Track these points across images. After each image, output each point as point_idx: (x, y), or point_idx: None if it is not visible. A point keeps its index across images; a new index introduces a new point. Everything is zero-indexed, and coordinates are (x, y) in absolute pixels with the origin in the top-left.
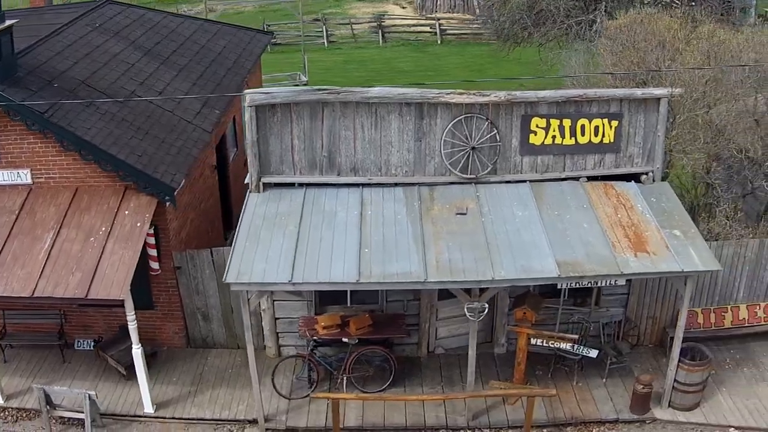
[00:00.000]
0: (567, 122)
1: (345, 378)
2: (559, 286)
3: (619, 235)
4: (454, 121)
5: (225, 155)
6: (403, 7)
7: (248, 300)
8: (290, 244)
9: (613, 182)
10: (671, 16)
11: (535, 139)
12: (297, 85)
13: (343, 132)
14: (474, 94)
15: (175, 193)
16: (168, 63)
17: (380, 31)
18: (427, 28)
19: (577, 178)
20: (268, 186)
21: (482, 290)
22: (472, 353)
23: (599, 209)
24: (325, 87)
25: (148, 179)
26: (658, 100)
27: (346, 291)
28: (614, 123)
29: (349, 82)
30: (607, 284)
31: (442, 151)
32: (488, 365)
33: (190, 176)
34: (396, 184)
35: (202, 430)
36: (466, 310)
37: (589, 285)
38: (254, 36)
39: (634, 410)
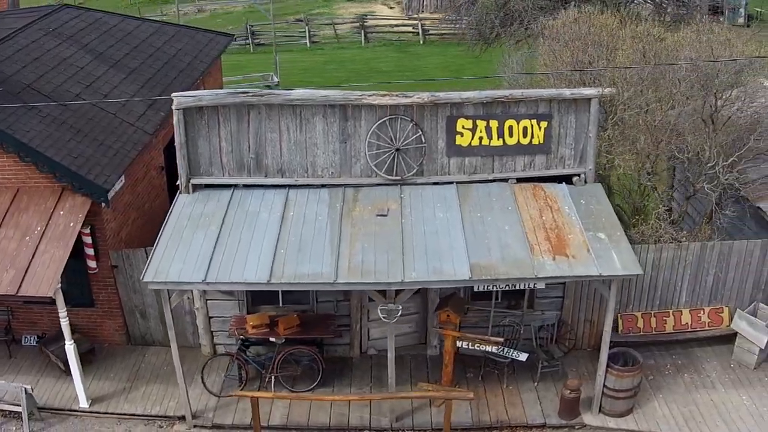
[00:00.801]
0: (494, 123)
1: (273, 377)
2: (476, 288)
3: (540, 238)
4: (378, 122)
5: (174, 156)
6: (391, 8)
7: (169, 299)
8: (209, 244)
9: (543, 184)
10: (612, 14)
11: (462, 141)
12: (269, 86)
13: (269, 134)
14: (397, 95)
15: (111, 193)
16: (118, 66)
17: (363, 31)
18: (410, 29)
19: (506, 180)
20: (198, 187)
21: (397, 292)
22: (390, 355)
23: (524, 211)
24: (249, 89)
25: (82, 180)
26: (588, 100)
27: (278, 291)
28: (543, 124)
29: (326, 82)
30: (524, 287)
31: (367, 153)
32: (420, 367)
33: (131, 177)
34: (323, 186)
35: (133, 425)
36: (379, 311)
37: (507, 288)
38: (213, 38)
39: (563, 415)
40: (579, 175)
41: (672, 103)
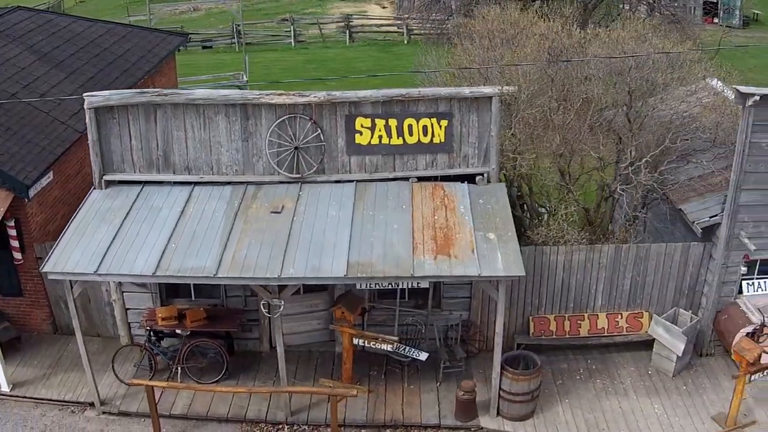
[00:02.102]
0: (393, 122)
1: (179, 368)
2: (358, 286)
3: (427, 237)
4: (278, 121)
5: None
6: (384, 7)
7: (71, 289)
8: (109, 237)
9: (444, 183)
10: (527, 11)
11: (362, 139)
12: (238, 86)
13: (175, 132)
14: (294, 94)
15: (35, 189)
16: (61, 66)
17: (348, 31)
18: (395, 29)
19: (407, 179)
20: (111, 183)
21: (281, 288)
22: (280, 350)
23: (417, 210)
24: (155, 89)
25: (4, 176)
26: (489, 98)
27: (190, 285)
28: (444, 122)
29: (304, 82)
30: (405, 286)
31: (268, 151)
32: (326, 363)
33: (61, 174)
34: (228, 183)
35: (49, 410)
36: (261, 306)
37: (390, 286)
38: (165, 38)
39: (459, 417)
40: (482, 175)
41: (580, 102)
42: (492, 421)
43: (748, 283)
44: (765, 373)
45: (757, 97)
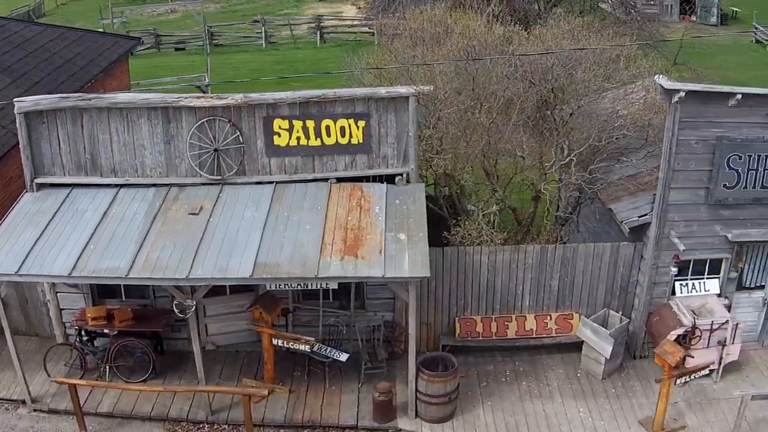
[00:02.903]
0: (311, 123)
1: (108, 367)
2: (273, 286)
3: (337, 238)
4: (198, 123)
5: None
6: (359, 8)
7: None
8: (33, 239)
9: (363, 184)
10: (452, 10)
11: (280, 141)
12: (199, 87)
13: (101, 136)
14: (212, 97)
15: None
16: (8, 71)
17: (319, 32)
18: (367, 29)
19: (326, 180)
20: (42, 186)
21: (194, 288)
22: (197, 349)
23: (332, 211)
24: (80, 94)
25: None
26: (406, 98)
27: (120, 285)
28: (361, 123)
29: (272, 82)
30: (313, 287)
31: (189, 154)
32: (252, 363)
33: (2, 177)
34: (153, 185)
35: None
36: (174, 306)
37: (299, 287)
38: (117, 42)
39: (377, 418)
40: (401, 175)
41: (502, 101)
42: (410, 423)
43: (681, 284)
44: (692, 377)
45: (683, 93)
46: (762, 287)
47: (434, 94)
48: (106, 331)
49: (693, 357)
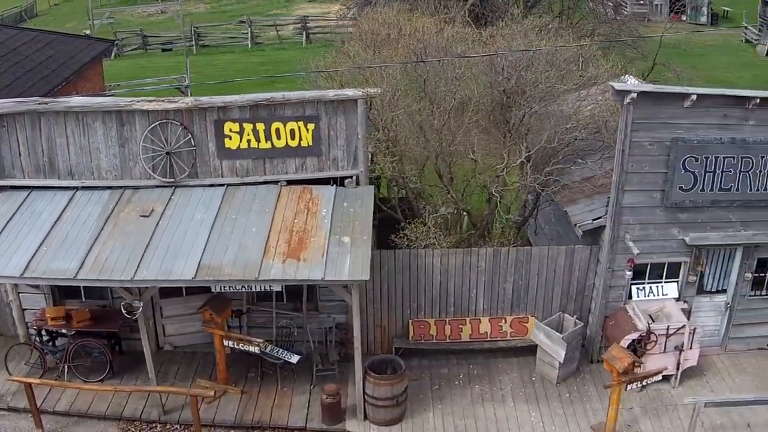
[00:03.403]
0: (261, 126)
1: (66, 367)
2: (218, 288)
3: (281, 241)
4: (151, 127)
5: None
6: (347, 7)
7: None
8: None
9: (313, 186)
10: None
11: (231, 144)
12: (179, 88)
13: (58, 139)
14: (163, 100)
15: None
16: None
17: (305, 32)
18: (350, 29)
19: (277, 182)
20: (2, 189)
21: (141, 290)
22: (147, 350)
23: (279, 214)
24: (37, 98)
25: None
26: (354, 101)
27: (80, 287)
28: (311, 126)
29: (254, 83)
30: (258, 288)
31: (143, 156)
32: (208, 364)
33: None
34: (108, 187)
35: None
36: (122, 307)
37: (243, 289)
38: (90, 44)
39: (325, 420)
40: (351, 177)
41: (453, 103)
42: (359, 426)
43: (638, 288)
44: (645, 383)
45: (634, 95)
46: (724, 291)
47: (384, 96)
48: (64, 331)
49: (642, 363)
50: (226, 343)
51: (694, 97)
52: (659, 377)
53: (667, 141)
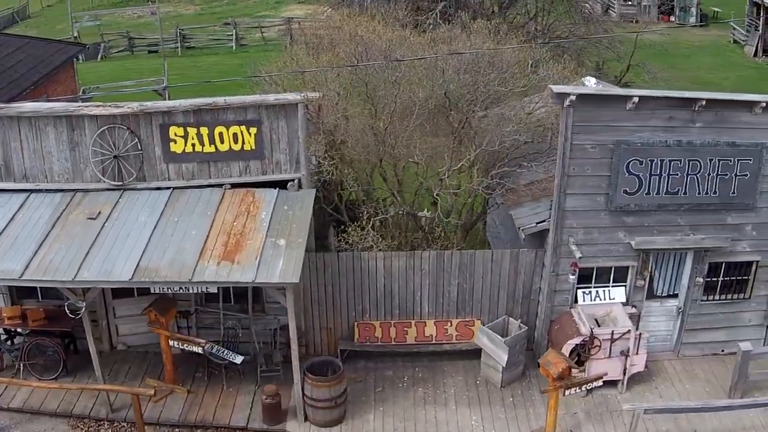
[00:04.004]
0: (204, 130)
1: (22, 365)
2: (156, 289)
3: (219, 243)
4: (99, 131)
5: None
6: (334, 9)
7: None
8: None
9: (256, 189)
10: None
11: (176, 147)
12: (157, 91)
13: (13, 143)
14: (110, 105)
15: None
16: None
17: (290, 34)
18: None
19: (221, 185)
20: None
21: (85, 290)
22: (92, 349)
23: (219, 216)
24: None
25: None
26: (295, 105)
27: (36, 287)
28: (253, 130)
29: (234, 84)
30: (192, 290)
31: (92, 160)
32: (159, 364)
33: None
34: (60, 190)
35: None
36: (66, 307)
37: (181, 290)
38: (62, 48)
39: (266, 420)
40: (293, 181)
41: (394, 106)
42: (299, 426)
43: (584, 292)
44: (583, 388)
45: (573, 97)
46: (675, 296)
47: (330, 100)
48: (19, 330)
49: (579, 368)
50: (171, 343)
51: (636, 99)
52: (599, 383)
53: (610, 144)
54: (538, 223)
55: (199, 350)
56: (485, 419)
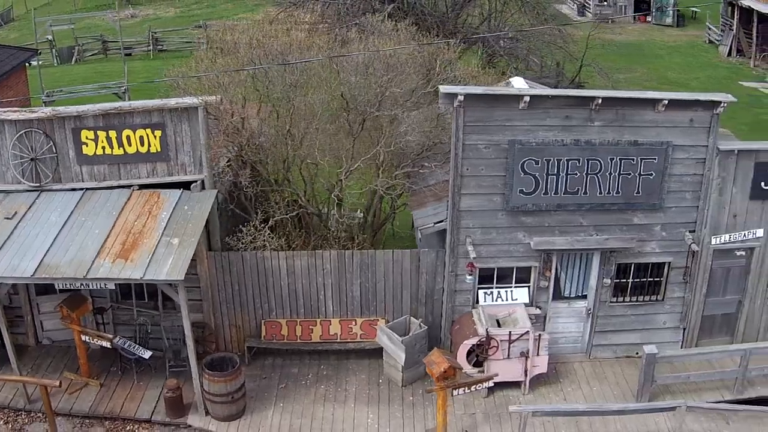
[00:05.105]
0: (113, 133)
1: None
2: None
3: (118, 242)
4: (18, 135)
5: None
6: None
7: None
8: None
9: (162, 190)
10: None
11: (88, 150)
12: (116, 93)
13: None
14: (25, 110)
15: None
16: None
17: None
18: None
19: (130, 186)
20: None
21: None
22: (7, 343)
23: (123, 216)
24: None
25: None
26: (196, 109)
27: None
28: (158, 133)
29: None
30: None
31: (12, 163)
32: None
33: None
34: None
35: None
36: None
37: (82, 287)
38: (13, 53)
39: (169, 414)
40: (196, 182)
41: (293, 109)
42: (200, 420)
43: (486, 293)
44: (474, 389)
45: (461, 97)
46: (584, 297)
47: (226, 104)
48: None
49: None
50: (83, 338)
51: (527, 98)
52: (490, 383)
53: (504, 144)
54: (435, 223)
55: (108, 344)
56: (382, 417)
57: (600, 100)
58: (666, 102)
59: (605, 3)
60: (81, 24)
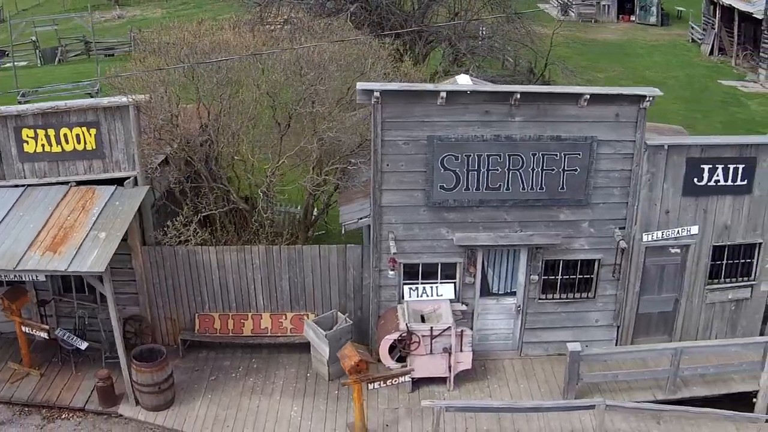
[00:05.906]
0: (52, 132)
1: None
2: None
3: (49, 236)
4: None
5: None
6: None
7: None
8: None
9: (98, 186)
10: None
11: (29, 148)
12: (89, 93)
13: None
14: None
15: None
16: None
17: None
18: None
19: (68, 183)
20: None
21: None
22: None
23: (58, 211)
24: None
25: None
26: (127, 108)
27: None
28: (93, 131)
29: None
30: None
31: None
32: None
33: None
34: None
35: None
36: None
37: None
38: None
39: (101, 403)
40: (130, 178)
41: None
42: (130, 410)
43: (411, 288)
44: (391, 383)
45: (378, 94)
46: (513, 294)
47: (155, 102)
48: None
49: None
50: (24, 329)
51: (443, 94)
52: (407, 378)
53: (423, 139)
54: (359, 219)
55: (46, 335)
56: (305, 410)
57: (519, 95)
58: (588, 97)
59: (588, 2)
60: (67, 25)
